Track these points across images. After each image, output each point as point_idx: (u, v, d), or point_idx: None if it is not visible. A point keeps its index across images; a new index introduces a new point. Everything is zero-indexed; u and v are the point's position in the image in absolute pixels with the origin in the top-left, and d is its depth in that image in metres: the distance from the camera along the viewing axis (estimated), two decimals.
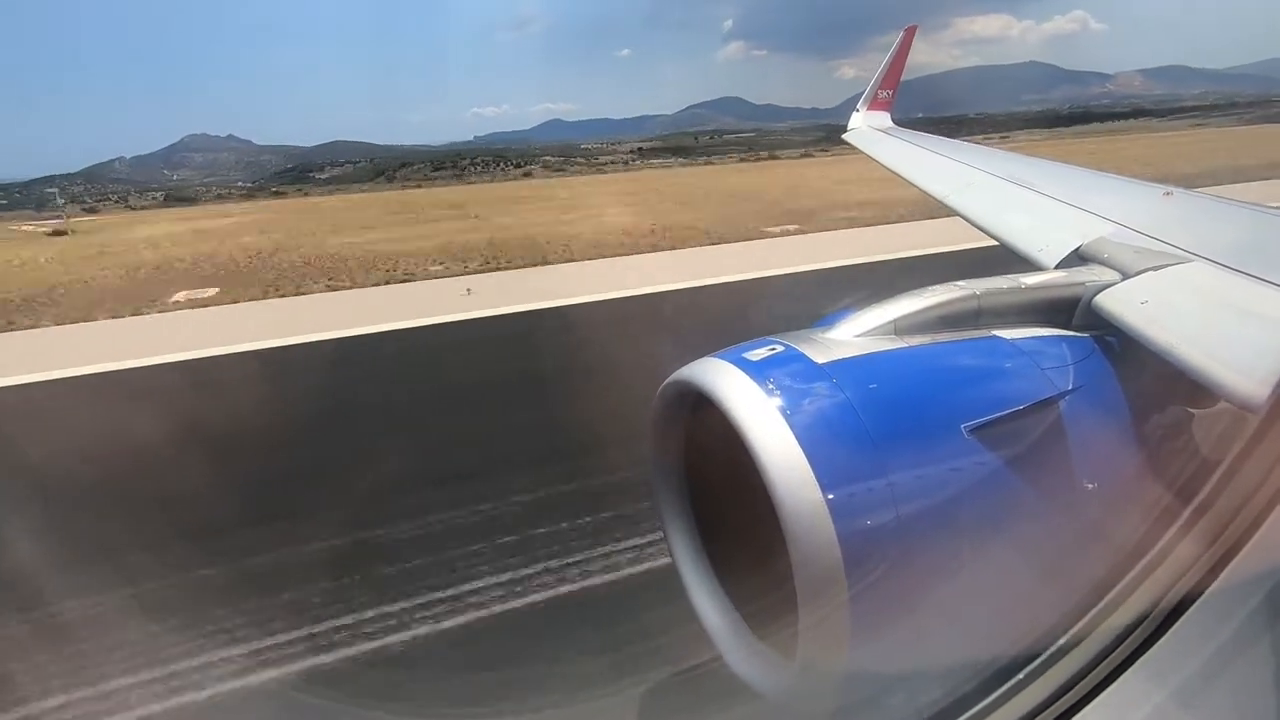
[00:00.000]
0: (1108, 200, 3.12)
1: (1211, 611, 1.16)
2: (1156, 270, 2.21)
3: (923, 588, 1.69)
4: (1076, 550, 1.73)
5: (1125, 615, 1.28)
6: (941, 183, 4.77)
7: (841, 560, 1.57)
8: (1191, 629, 1.18)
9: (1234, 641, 1.12)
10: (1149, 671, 1.19)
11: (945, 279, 2.17)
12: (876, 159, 6.69)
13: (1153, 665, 1.19)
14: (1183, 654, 1.17)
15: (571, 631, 6.30)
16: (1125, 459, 1.85)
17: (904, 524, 1.63)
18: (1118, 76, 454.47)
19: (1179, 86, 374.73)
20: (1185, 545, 1.26)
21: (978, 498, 1.71)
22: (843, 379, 1.79)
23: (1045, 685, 1.32)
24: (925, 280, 2.16)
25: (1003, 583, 1.76)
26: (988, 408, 1.75)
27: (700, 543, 2.16)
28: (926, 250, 19.37)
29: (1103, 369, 1.95)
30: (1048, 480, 1.77)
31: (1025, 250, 3.02)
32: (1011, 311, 2.12)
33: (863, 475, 1.65)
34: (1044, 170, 4.03)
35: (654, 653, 5.15)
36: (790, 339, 1.96)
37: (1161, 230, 2.53)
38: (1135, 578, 1.31)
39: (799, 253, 22.34)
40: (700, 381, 1.86)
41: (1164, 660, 1.18)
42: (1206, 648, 1.14)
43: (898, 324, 1.99)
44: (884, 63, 9.13)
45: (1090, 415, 1.86)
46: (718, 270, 19.49)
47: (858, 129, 8.35)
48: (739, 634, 1.99)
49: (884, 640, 1.66)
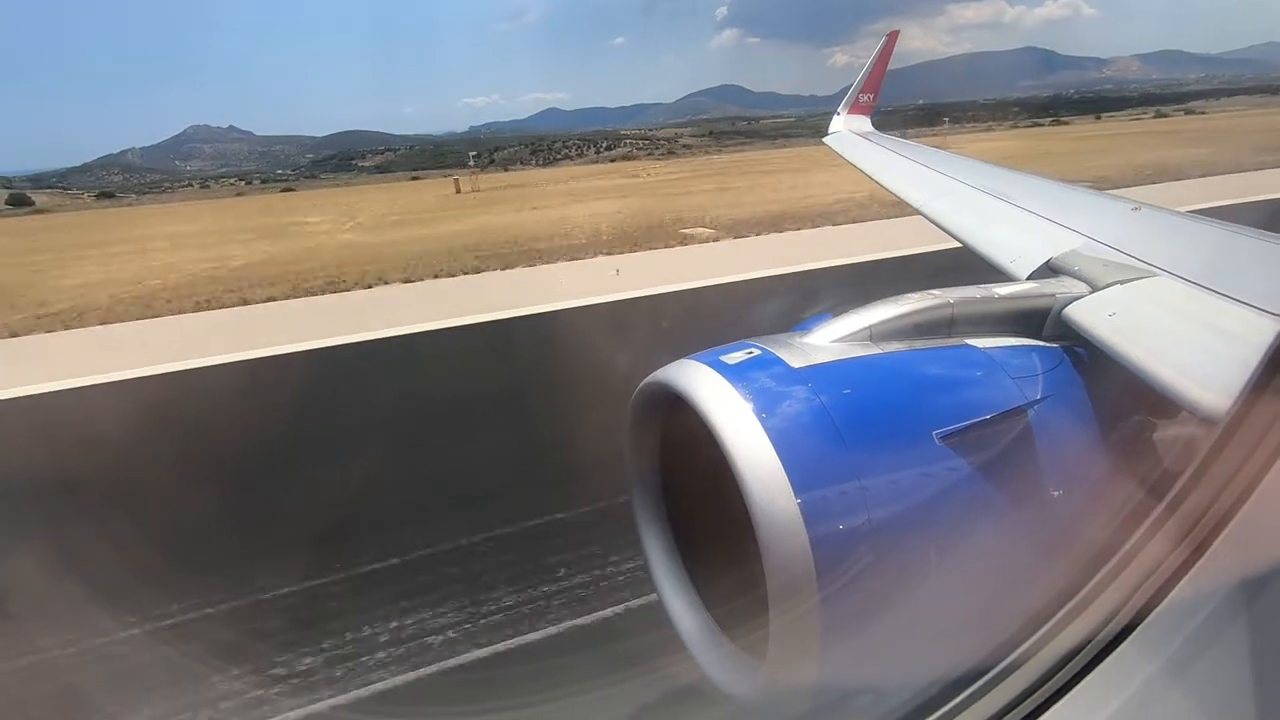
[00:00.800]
0: (1079, 214, 3.20)
1: (1175, 614, 1.20)
2: (1124, 284, 2.27)
3: (893, 591, 1.71)
4: (1044, 555, 1.76)
5: (1092, 618, 1.31)
6: (918, 190, 4.84)
7: (814, 563, 1.58)
8: (1155, 632, 1.21)
9: (1195, 643, 1.16)
10: (1115, 673, 1.22)
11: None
12: (854, 164, 6.70)
13: (1118, 667, 1.22)
14: (1148, 655, 1.20)
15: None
16: (1091, 467, 1.90)
17: (875, 528, 1.65)
18: (1114, 61, 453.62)
19: (1176, 70, 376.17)
20: (1149, 551, 1.30)
21: (948, 503, 1.73)
22: (818, 384, 1.81)
23: (1013, 686, 1.35)
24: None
25: (971, 586, 1.78)
26: (959, 415, 1.78)
27: (674, 544, 2.16)
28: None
29: (1071, 379, 1.99)
30: (1016, 487, 1.80)
31: (998, 260, 3.08)
32: (984, 321, 2.16)
33: (836, 479, 1.66)
34: (1018, 182, 4.11)
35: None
36: (767, 343, 1.97)
37: (1130, 245, 2.60)
38: (1100, 582, 1.35)
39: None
40: (676, 383, 1.86)
41: (1129, 662, 1.22)
42: (1170, 648, 1.18)
43: (873, 330, 2.01)
44: (866, 66, 9.19)
45: (1058, 424, 1.90)
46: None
47: (838, 133, 8.29)
48: (711, 637, 2.00)
49: (854, 643, 1.68)
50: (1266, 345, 1.44)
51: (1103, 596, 1.32)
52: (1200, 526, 1.22)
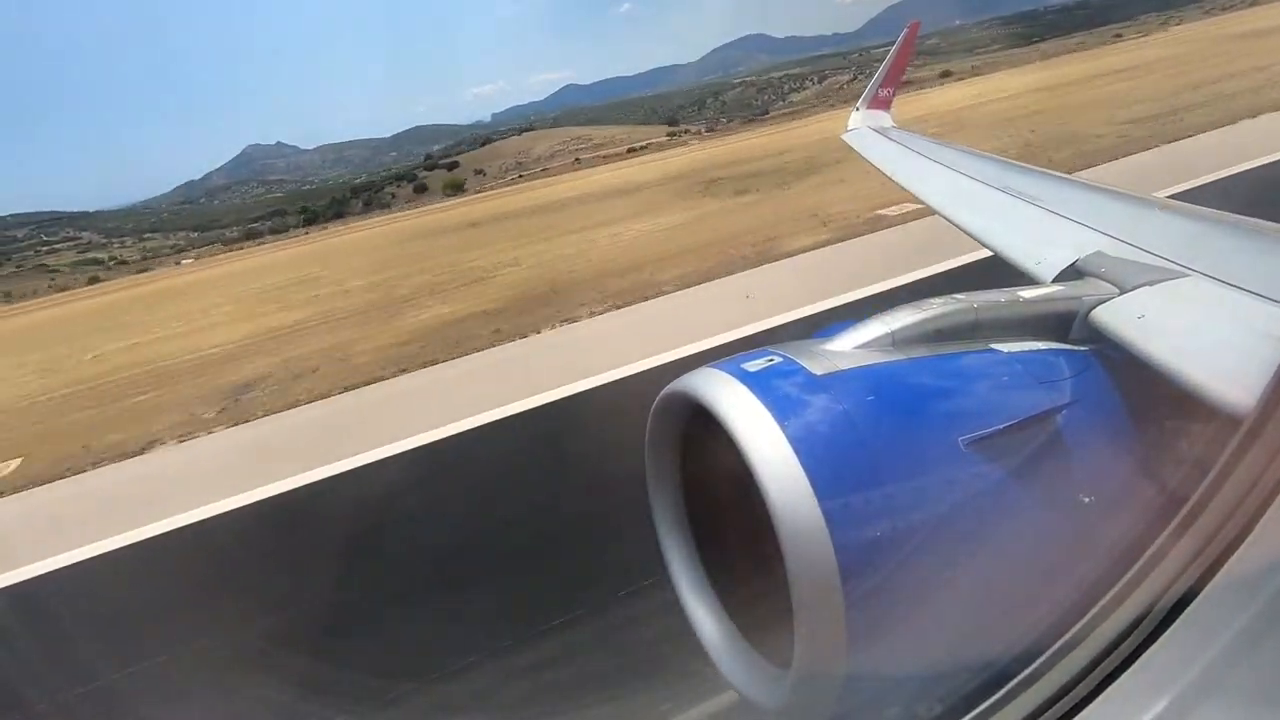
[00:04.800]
0: (1104, 215, 3.15)
1: (1207, 613, 1.19)
2: (1153, 285, 2.23)
3: (919, 598, 1.69)
4: (1072, 560, 1.74)
5: (1121, 619, 1.30)
6: (939, 194, 4.79)
7: (838, 571, 1.57)
8: (1187, 631, 1.20)
9: (1229, 642, 1.15)
10: (1146, 675, 1.21)
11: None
12: (873, 163, 6.60)
13: (1149, 669, 1.21)
14: (1180, 656, 1.19)
15: None
16: (1122, 471, 1.86)
17: (901, 535, 1.63)
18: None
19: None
20: (1177, 552, 1.28)
21: (975, 509, 1.71)
22: (840, 390, 1.80)
23: (1041, 691, 1.33)
24: None
25: (999, 592, 1.76)
26: (985, 420, 1.76)
27: (696, 553, 2.16)
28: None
29: (1100, 382, 1.96)
30: (1045, 492, 1.78)
31: (1022, 264, 3.04)
32: (1009, 325, 2.13)
33: (859, 486, 1.65)
34: (1042, 182, 4.05)
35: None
36: (789, 350, 1.97)
37: (1158, 245, 2.55)
38: (1128, 584, 1.33)
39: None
40: (697, 392, 1.87)
41: (1160, 664, 1.20)
42: (1203, 649, 1.17)
43: (896, 336, 2.00)
44: (885, 61, 8.96)
45: (1087, 428, 1.87)
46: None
47: (857, 129, 7.92)
48: (734, 645, 1.99)
49: (879, 650, 1.67)
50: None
51: (1132, 598, 1.30)
52: (1229, 526, 1.21)
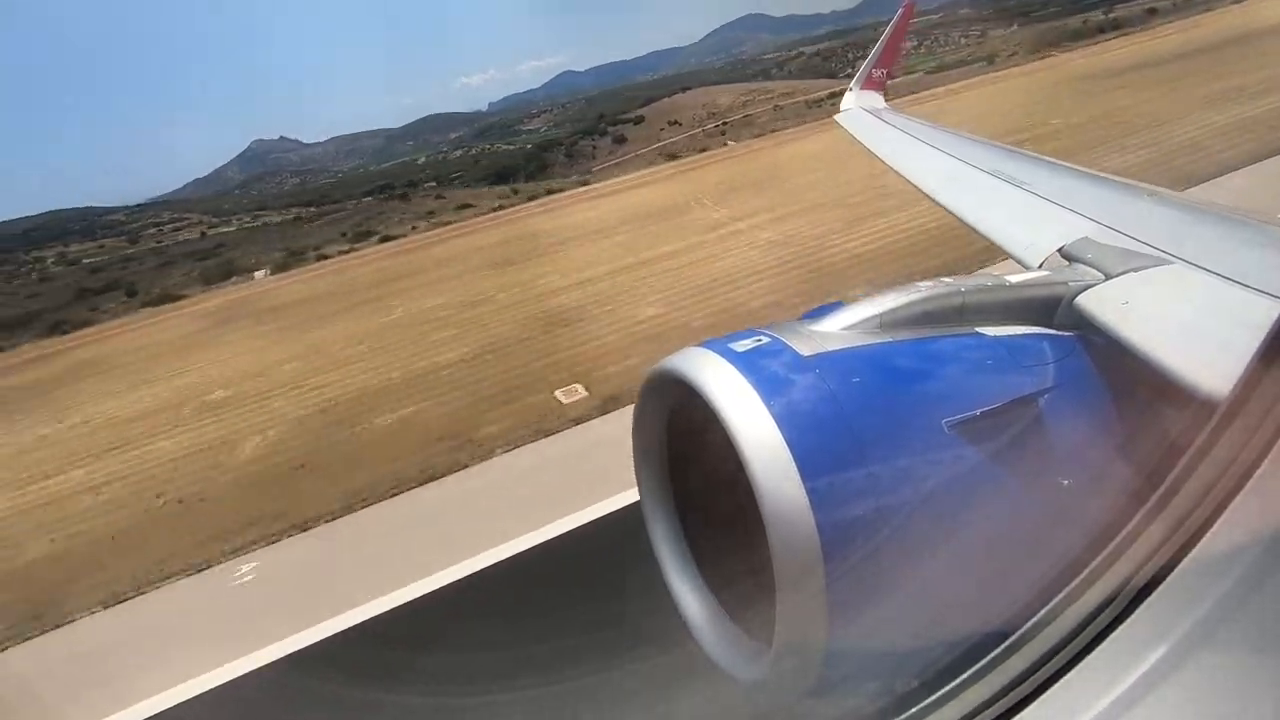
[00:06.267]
0: (1092, 200, 3.16)
1: (1177, 592, 1.22)
2: (1138, 271, 2.24)
3: (900, 577, 1.72)
4: (1050, 541, 1.77)
5: (1094, 598, 1.33)
6: (930, 176, 4.78)
7: (820, 549, 1.59)
8: (1160, 607, 1.24)
9: (1199, 621, 1.18)
10: (1116, 651, 1.24)
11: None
12: (866, 146, 6.56)
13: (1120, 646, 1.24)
14: (1152, 631, 1.22)
15: None
16: (1101, 455, 1.89)
17: (883, 515, 1.65)
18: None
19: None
20: (1150, 533, 1.32)
21: (957, 491, 1.73)
22: (826, 371, 1.80)
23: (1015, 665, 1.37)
24: None
25: (979, 573, 1.79)
26: (969, 403, 1.77)
27: (680, 531, 2.17)
28: None
29: (1083, 368, 1.98)
30: (1026, 475, 1.80)
31: (1010, 248, 3.05)
32: (995, 309, 2.14)
33: (844, 466, 1.67)
34: (1032, 167, 4.06)
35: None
36: (776, 330, 1.97)
37: (1142, 231, 2.57)
38: (1103, 562, 1.37)
39: None
40: (684, 370, 1.86)
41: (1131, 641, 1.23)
42: (1173, 626, 1.20)
43: (883, 318, 2.00)
44: (879, 41, 8.85)
45: (1068, 412, 1.89)
46: None
47: (850, 110, 7.89)
48: (717, 621, 2.02)
49: (859, 627, 1.69)
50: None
51: (1105, 577, 1.33)
52: (1200, 509, 1.23)
